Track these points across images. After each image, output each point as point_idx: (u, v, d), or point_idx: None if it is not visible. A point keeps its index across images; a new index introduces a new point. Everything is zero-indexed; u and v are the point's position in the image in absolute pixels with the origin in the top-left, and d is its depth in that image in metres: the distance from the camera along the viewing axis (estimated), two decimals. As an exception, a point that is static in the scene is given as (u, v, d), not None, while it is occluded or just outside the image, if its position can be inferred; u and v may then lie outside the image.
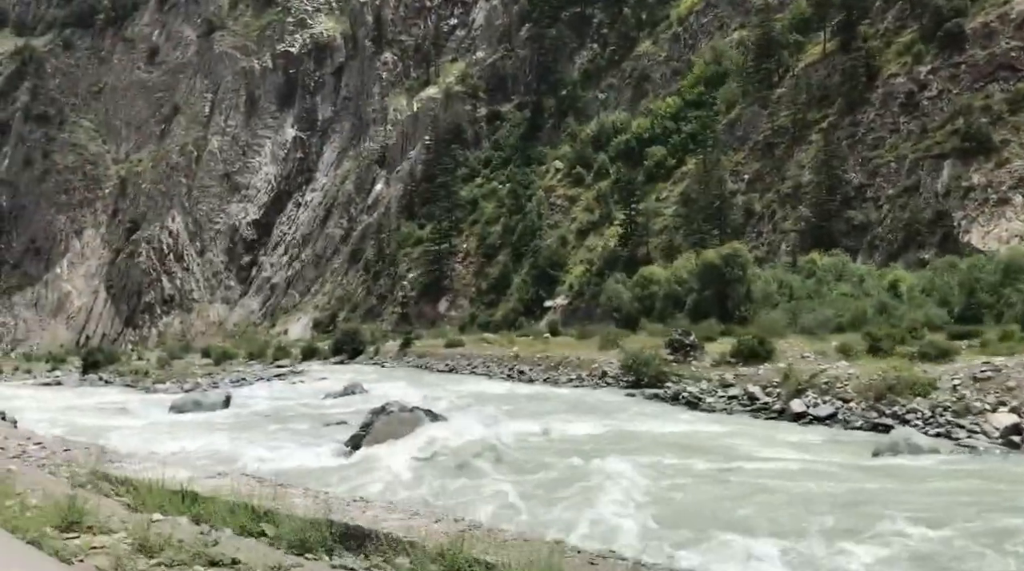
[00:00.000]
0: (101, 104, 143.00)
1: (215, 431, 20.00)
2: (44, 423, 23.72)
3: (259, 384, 38.77)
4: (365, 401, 26.23)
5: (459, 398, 25.86)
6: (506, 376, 33.92)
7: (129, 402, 31.73)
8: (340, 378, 37.68)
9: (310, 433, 19.06)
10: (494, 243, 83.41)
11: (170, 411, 25.53)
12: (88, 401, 34.77)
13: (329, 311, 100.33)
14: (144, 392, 43.37)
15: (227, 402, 26.22)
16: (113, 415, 25.64)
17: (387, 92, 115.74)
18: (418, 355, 46.10)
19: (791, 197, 59.97)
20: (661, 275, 55.97)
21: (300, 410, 24.99)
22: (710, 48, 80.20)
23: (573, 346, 37.18)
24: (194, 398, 26.13)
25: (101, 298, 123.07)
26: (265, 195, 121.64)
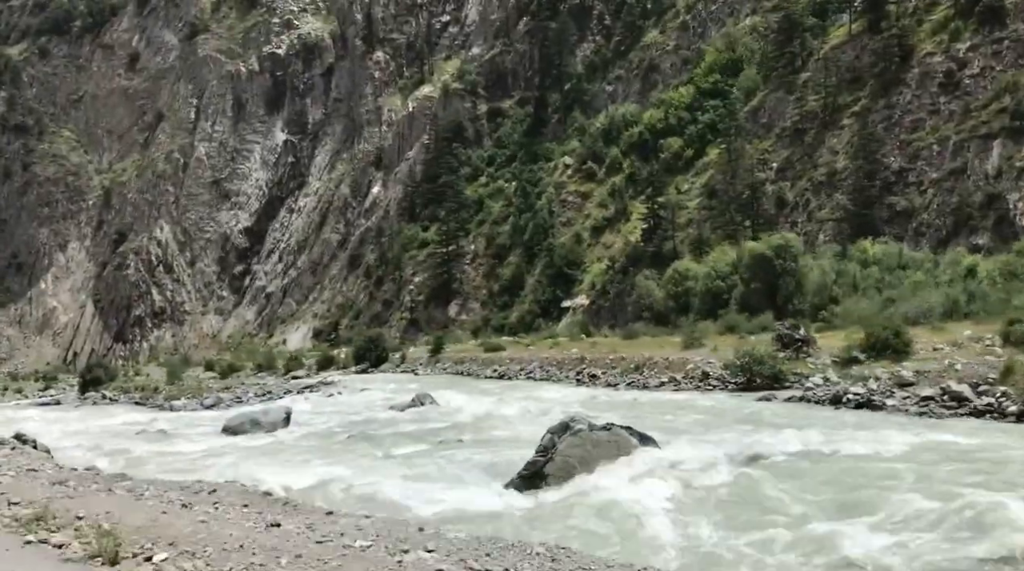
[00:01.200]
0: (81, 113, 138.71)
1: (305, 458, 16.72)
2: (78, 450, 20.37)
3: (290, 398, 35.41)
4: (446, 414, 23.08)
5: (556, 407, 22.74)
6: (576, 380, 30.79)
7: (156, 422, 28.34)
8: (385, 388, 34.43)
9: (431, 457, 15.79)
10: (504, 243, 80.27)
11: (224, 432, 22.21)
12: (107, 423, 31.30)
13: (330, 319, 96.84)
14: (159, 410, 39.97)
15: (288, 420, 22.92)
16: (155, 439, 22.31)
17: (380, 92, 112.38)
18: (454, 361, 42.87)
19: (826, 184, 57.25)
20: (696, 270, 53.11)
21: (378, 427, 21.71)
22: (723, 36, 77.56)
23: (642, 346, 34.13)
24: (250, 416, 22.77)
25: (88, 313, 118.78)
26: (256, 201, 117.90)
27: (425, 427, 20.93)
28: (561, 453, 11.82)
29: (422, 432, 19.96)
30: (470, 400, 25.81)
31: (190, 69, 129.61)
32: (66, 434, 26.16)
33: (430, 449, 16.82)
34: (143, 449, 20.03)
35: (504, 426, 19.97)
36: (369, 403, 28.28)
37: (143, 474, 14.65)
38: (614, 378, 28.71)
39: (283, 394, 37.58)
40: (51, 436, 26.42)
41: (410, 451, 16.82)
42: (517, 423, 20.25)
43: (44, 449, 19.87)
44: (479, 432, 19.16)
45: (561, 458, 11.78)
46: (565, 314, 70.65)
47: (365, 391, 33.97)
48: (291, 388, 39.25)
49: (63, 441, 23.08)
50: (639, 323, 48.30)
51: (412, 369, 44.46)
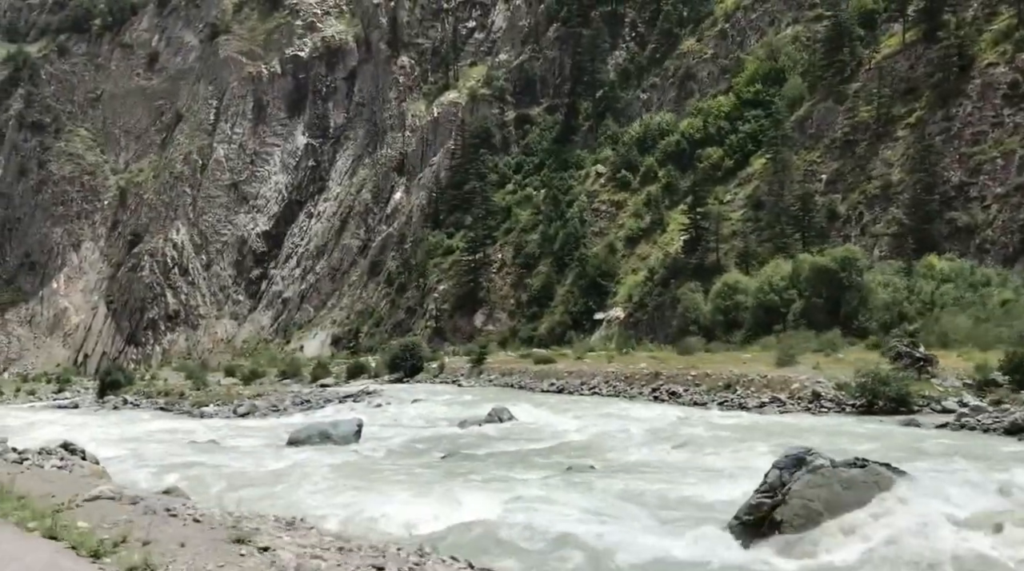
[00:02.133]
0: (99, 112, 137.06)
1: (417, 482, 14.25)
2: (127, 463, 18.07)
3: (332, 408, 33.10)
4: (535, 432, 20.74)
5: (660, 427, 20.44)
6: (652, 397, 28.40)
7: (197, 431, 26.05)
8: (435, 400, 32.08)
9: (574, 488, 13.25)
10: (532, 252, 77.98)
11: (290, 446, 19.82)
12: (139, 430, 29.03)
13: (349, 326, 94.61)
14: (188, 417, 37.68)
15: (359, 433, 20.52)
16: (207, 451, 19.98)
17: (404, 97, 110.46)
18: (501, 373, 40.51)
19: (880, 198, 54.94)
20: (747, 284, 50.79)
21: (467, 446, 19.35)
22: (764, 45, 75.41)
23: (709, 362, 31.74)
24: (318, 428, 20.36)
25: (101, 314, 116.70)
26: (275, 205, 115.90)
27: (525, 447, 18.57)
28: (798, 494, 9.39)
29: (527, 453, 17.63)
30: (552, 417, 23.51)
31: (210, 70, 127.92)
32: (101, 442, 23.87)
33: (561, 476, 14.44)
34: (200, 463, 17.71)
35: (620, 449, 17.62)
36: (430, 417, 25.94)
37: (217, 498, 12.38)
38: (700, 396, 26.33)
39: (323, 403, 35.26)
40: (85, 445, 24.18)
41: (535, 477, 14.44)
42: (631, 447, 17.88)
43: (93, 460, 17.60)
44: (597, 456, 16.78)
45: (799, 501, 9.35)
46: (598, 326, 68.33)
47: (417, 403, 31.61)
48: (329, 397, 36.93)
49: (103, 450, 20.74)
50: (692, 338, 45.86)
51: (453, 380, 42.07)
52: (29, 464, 15.95)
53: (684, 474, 13.91)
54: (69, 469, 15.44)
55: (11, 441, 22.78)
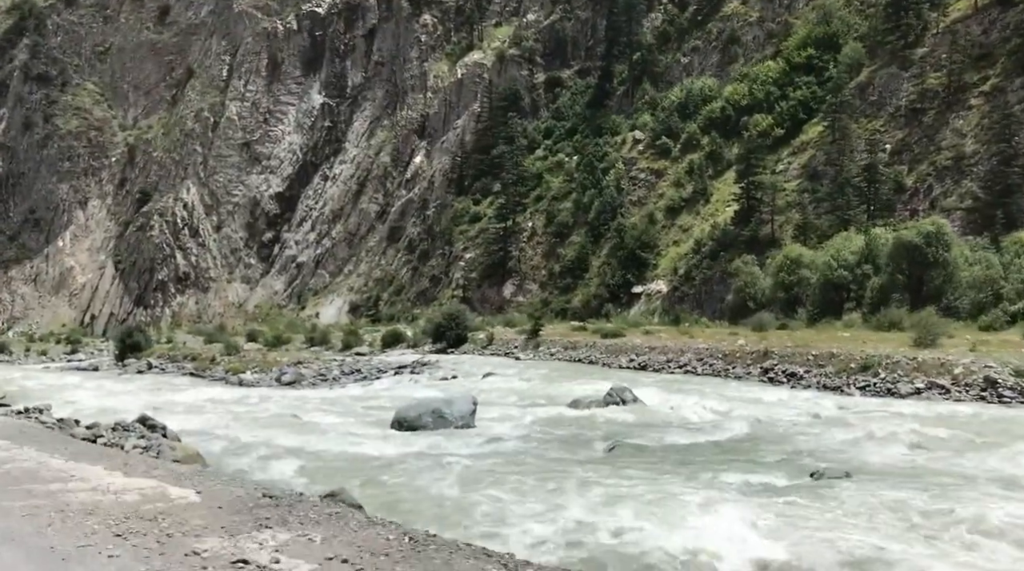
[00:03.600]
0: (107, 66, 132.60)
1: (612, 487, 11.03)
2: (209, 442, 14.92)
3: (389, 380, 30.03)
4: (676, 419, 17.66)
5: (817, 420, 17.38)
6: (766, 379, 25.24)
7: (252, 401, 22.98)
8: (505, 373, 28.93)
9: (870, 509, 10.22)
10: (565, 221, 74.70)
11: (397, 427, 16.66)
12: (184, 397, 25.97)
13: (367, 293, 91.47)
14: (225, 384, 34.70)
15: (474, 413, 17.37)
16: (293, 429, 16.72)
17: (426, 57, 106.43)
18: (564, 346, 37.39)
19: (952, 170, 51.67)
20: (812, 258, 47.63)
21: (621, 435, 16.23)
22: (816, 8, 71.68)
23: (825, 340, 28.56)
24: (430, 406, 17.08)
25: (108, 275, 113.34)
26: (289, 166, 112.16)
27: (694, 439, 15.40)
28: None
29: (705, 447, 14.45)
30: (676, 399, 20.47)
31: (224, 25, 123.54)
32: (152, 413, 20.76)
33: (809, 485, 11.31)
34: (303, 449, 14.51)
35: (834, 448, 14.40)
36: (523, 394, 22.84)
37: (387, 509, 9.28)
38: (829, 379, 23.22)
39: (377, 374, 32.18)
40: (133, 410, 21.14)
41: (777, 483, 11.29)
42: (840, 444, 14.63)
43: (174, 437, 14.51)
44: (816, 456, 13.60)
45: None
46: (636, 300, 65.27)
47: (490, 377, 28.54)
48: (382, 368, 33.82)
49: (168, 423, 17.56)
50: (765, 314, 42.77)
51: (507, 353, 38.94)
52: (105, 442, 12.85)
53: (973, 485, 10.84)
54: (156, 451, 12.36)
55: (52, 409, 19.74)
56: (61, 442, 12.04)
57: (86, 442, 12.63)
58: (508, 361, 36.14)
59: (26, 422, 15.71)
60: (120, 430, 14.08)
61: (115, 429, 14.11)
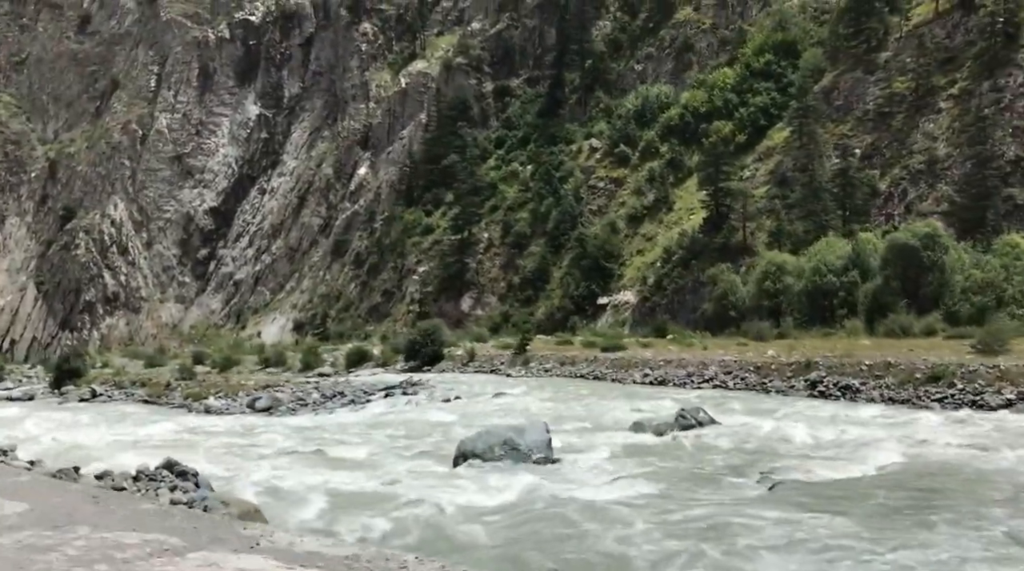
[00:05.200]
0: (24, 77, 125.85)
1: (836, 550, 8.58)
2: (241, 489, 12.03)
3: (384, 403, 27.12)
4: (781, 445, 15.27)
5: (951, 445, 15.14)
6: (812, 392, 23.09)
7: (254, 431, 19.94)
8: (513, 392, 26.28)
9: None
10: (523, 231, 72.50)
11: (460, 464, 13.72)
12: (156, 431, 22.65)
13: (312, 310, 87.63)
14: (187, 412, 31.34)
15: (551, 446, 14.64)
16: (328, 466, 13.79)
17: (367, 66, 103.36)
18: (560, 361, 34.91)
19: (926, 173, 51.11)
20: (796, 264, 46.30)
21: (749, 467, 13.73)
22: (772, 14, 71.26)
23: (850, 348, 26.76)
24: (500, 436, 14.24)
25: (30, 297, 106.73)
26: (224, 180, 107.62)
27: (863, 471, 12.94)
28: None
29: (871, 484, 12.01)
30: (758, 420, 18.15)
31: (150, 34, 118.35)
32: (132, 450, 17.74)
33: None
34: (362, 496, 11.69)
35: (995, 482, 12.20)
36: (553, 416, 20.24)
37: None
38: (894, 392, 21.26)
39: (364, 397, 29.17)
40: (100, 450, 18.13)
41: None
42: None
43: (206, 485, 11.62)
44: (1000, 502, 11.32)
45: None
46: (602, 312, 63.31)
47: (501, 397, 25.88)
48: (366, 389, 30.80)
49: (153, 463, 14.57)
50: (762, 323, 41.12)
51: (492, 369, 36.30)
52: (135, 495, 9.90)
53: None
54: (202, 506, 9.51)
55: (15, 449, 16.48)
56: (80, 498, 9.14)
57: (106, 489, 9.72)
58: (498, 379, 33.53)
59: (6, 469, 12.57)
60: (145, 479, 11.16)
61: (138, 479, 11.18)
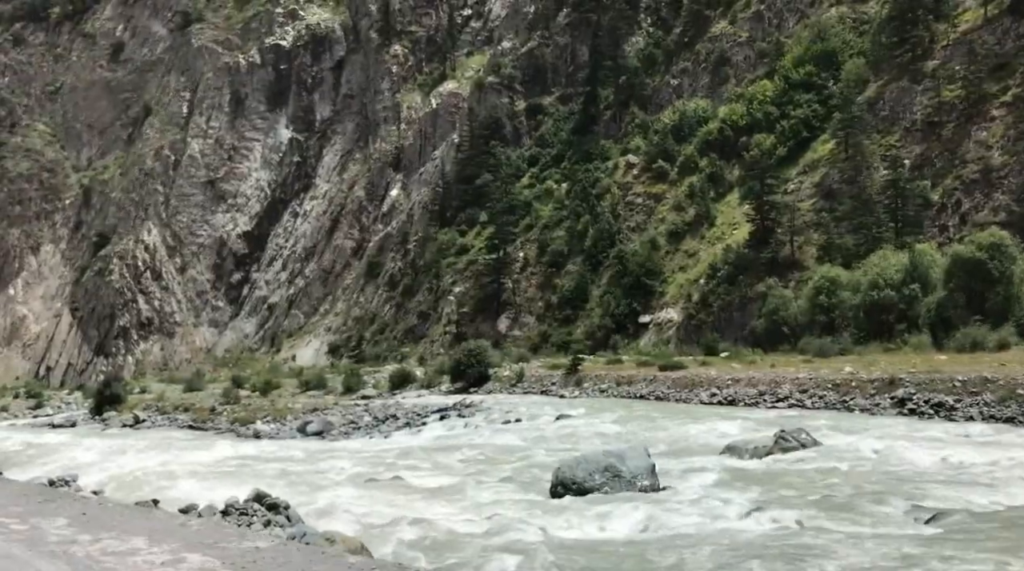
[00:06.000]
0: (58, 106, 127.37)
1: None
2: (330, 518, 11.02)
3: (440, 426, 26.12)
4: (896, 469, 14.00)
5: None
6: (901, 410, 21.70)
7: (316, 457, 18.96)
8: (573, 412, 25.19)
9: None
10: (560, 250, 71.48)
11: (559, 489, 12.26)
12: (211, 457, 21.76)
13: (347, 333, 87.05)
14: (237, 436, 30.53)
15: (655, 473, 13.31)
16: (415, 496, 12.77)
17: (398, 88, 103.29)
18: (616, 381, 33.77)
19: (980, 183, 49.54)
20: (849, 278, 44.91)
21: (884, 495, 12.40)
22: (811, 25, 70.06)
23: (937, 363, 25.43)
24: (600, 463, 12.42)
25: (65, 323, 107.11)
26: (257, 204, 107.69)
27: (992, 501, 11.70)
28: None
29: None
30: (857, 440, 16.98)
31: (182, 61, 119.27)
32: (195, 480, 16.82)
33: None
34: (471, 534, 10.66)
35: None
36: (628, 439, 19.15)
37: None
38: (995, 409, 19.85)
39: (419, 420, 28.19)
40: (177, 486, 17.18)
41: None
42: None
43: (297, 519, 10.62)
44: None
45: None
46: (644, 330, 62.05)
47: (565, 419, 24.81)
48: (419, 412, 29.85)
49: (219, 493, 13.62)
50: (825, 340, 39.84)
51: (543, 390, 35.25)
52: (234, 527, 8.91)
53: None
54: (304, 542, 8.51)
55: (79, 478, 15.71)
56: (184, 533, 8.18)
57: (183, 517, 8.76)
58: (551, 400, 32.45)
59: (67, 497, 11.67)
60: (236, 513, 10.20)
61: (227, 512, 10.24)
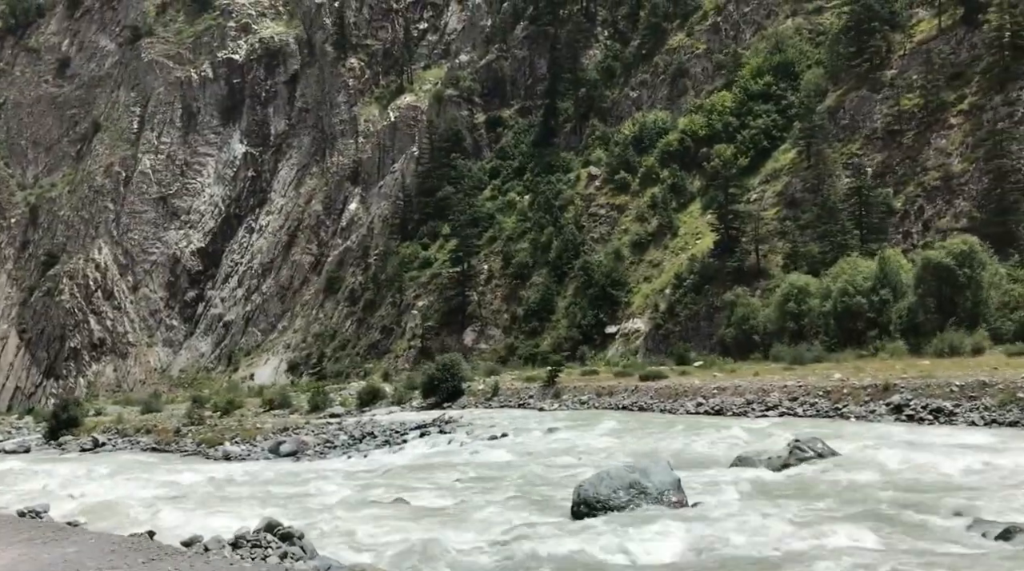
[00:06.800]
0: (2, 122, 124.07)
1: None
2: (341, 548, 10.30)
3: (423, 443, 25.35)
4: (924, 479, 13.62)
5: None
6: (899, 417, 21.44)
7: (300, 478, 18.06)
8: (561, 426, 24.57)
9: None
10: (524, 262, 71.08)
11: (582, 508, 11.40)
12: (183, 481, 20.76)
13: (307, 350, 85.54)
14: (205, 459, 29.47)
15: (680, 487, 12.70)
16: (434, 521, 12.00)
17: (355, 102, 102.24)
18: (597, 393, 33.21)
19: (942, 190, 50.29)
20: (820, 285, 45.15)
21: (930, 508, 11.93)
22: (768, 37, 70.79)
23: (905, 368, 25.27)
24: (623, 479, 11.31)
25: (12, 345, 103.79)
26: (211, 220, 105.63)
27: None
28: None
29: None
30: (872, 452, 16.59)
31: (132, 75, 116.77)
32: (159, 503, 15.92)
33: None
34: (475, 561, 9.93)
35: None
36: (630, 453, 18.58)
37: None
38: (996, 414, 19.77)
39: (398, 438, 27.36)
40: (128, 504, 16.26)
41: None
42: None
43: (311, 550, 9.89)
44: None
45: None
46: (611, 340, 61.82)
47: (555, 432, 24.20)
48: (397, 429, 29.00)
49: (215, 522, 12.91)
50: (801, 346, 39.83)
51: (521, 403, 34.62)
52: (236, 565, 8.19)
53: None
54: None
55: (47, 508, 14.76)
56: None
57: (201, 556, 8.01)
58: (531, 414, 31.87)
59: (45, 528, 10.78)
60: (248, 546, 9.44)
61: (238, 545, 9.47)
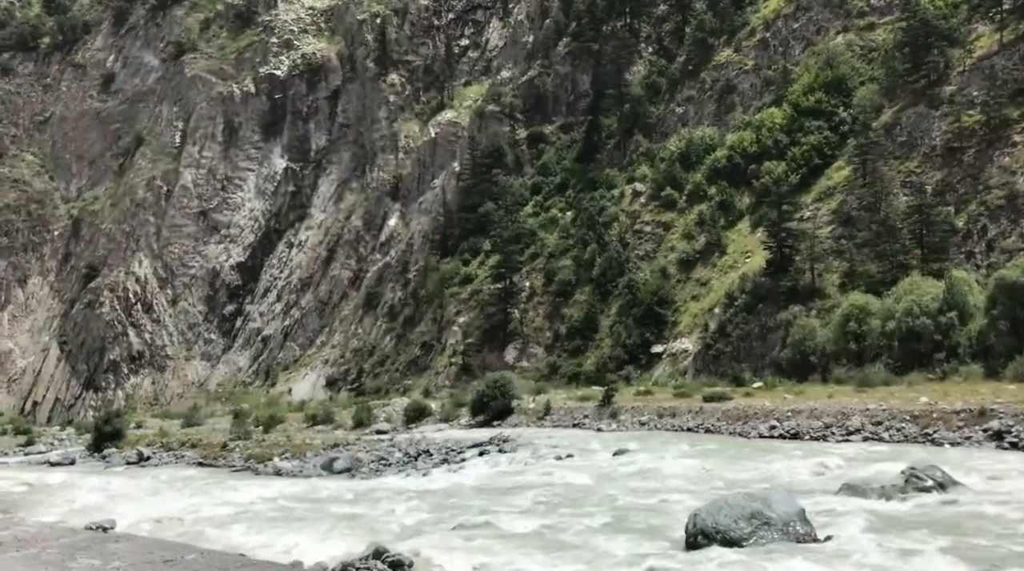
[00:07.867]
0: (47, 136, 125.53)
1: None
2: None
3: (484, 462, 24.35)
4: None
5: None
6: (995, 443, 20.27)
7: (365, 498, 17.15)
8: (637, 450, 23.43)
9: None
10: (568, 279, 69.98)
11: (699, 538, 10.74)
12: (243, 498, 19.87)
13: (345, 365, 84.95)
14: (255, 474, 28.64)
15: (806, 517, 11.85)
16: (532, 547, 11.11)
17: (395, 117, 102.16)
18: (658, 414, 32.04)
19: (1007, 209, 48.52)
20: (883, 306, 43.61)
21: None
22: (819, 52, 69.47)
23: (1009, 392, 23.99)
24: (743, 508, 10.50)
25: (52, 357, 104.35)
26: (251, 234, 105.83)
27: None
28: None
29: None
30: (1002, 483, 15.40)
31: (175, 91, 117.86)
32: (226, 520, 14.99)
33: None
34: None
35: None
36: (715, 479, 17.45)
37: None
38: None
39: (456, 457, 26.36)
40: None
41: None
42: None
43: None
44: None
45: None
46: (657, 360, 60.47)
47: (624, 455, 23.13)
48: (454, 447, 28.04)
49: (310, 546, 11.92)
50: (871, 369, 38.44)
51: (576, 423, 33.56)
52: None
53: None
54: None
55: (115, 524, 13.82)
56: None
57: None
58: (589, 434, 30.74)
59: (114, 545, 9.81)
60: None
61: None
